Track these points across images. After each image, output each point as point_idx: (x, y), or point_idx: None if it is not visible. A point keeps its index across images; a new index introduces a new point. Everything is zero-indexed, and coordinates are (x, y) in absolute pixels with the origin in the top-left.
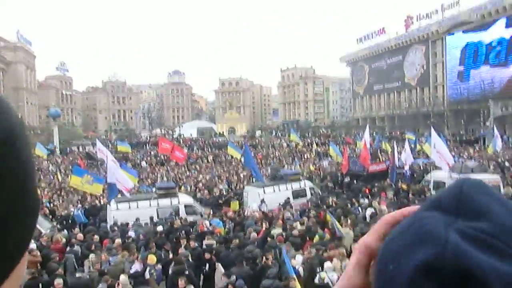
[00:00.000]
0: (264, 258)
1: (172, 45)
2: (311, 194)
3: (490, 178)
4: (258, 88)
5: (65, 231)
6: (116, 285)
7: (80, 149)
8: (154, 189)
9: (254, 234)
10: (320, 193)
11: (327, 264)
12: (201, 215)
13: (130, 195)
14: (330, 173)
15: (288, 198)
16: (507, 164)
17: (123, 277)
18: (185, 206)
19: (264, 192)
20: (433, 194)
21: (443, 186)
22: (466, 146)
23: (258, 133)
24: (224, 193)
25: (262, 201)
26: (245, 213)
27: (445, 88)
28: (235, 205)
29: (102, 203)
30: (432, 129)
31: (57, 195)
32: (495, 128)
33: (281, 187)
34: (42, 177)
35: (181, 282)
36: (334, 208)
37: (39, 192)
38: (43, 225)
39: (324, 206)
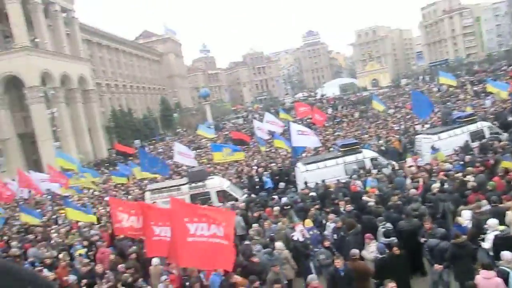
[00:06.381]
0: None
1: (302, 6)
2: (490, 134)
3: None
4: (397, 33)
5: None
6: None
7: (231, 124)
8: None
9: (413, 191)
10: (500, 132)
11: (491, 221)
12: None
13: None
14: (494, 113)
15: (467, 141)
16: None
17: (278, 243)
18: (371, 160)
19: (439, 138)
20: None
21: None
22: None
23: (403, 81)
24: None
25: (432, 147)
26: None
27: None
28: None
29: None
30: None
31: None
32: None
33: (457, 131)
34: (204, 154)
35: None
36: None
37: None
38: (238, 193)
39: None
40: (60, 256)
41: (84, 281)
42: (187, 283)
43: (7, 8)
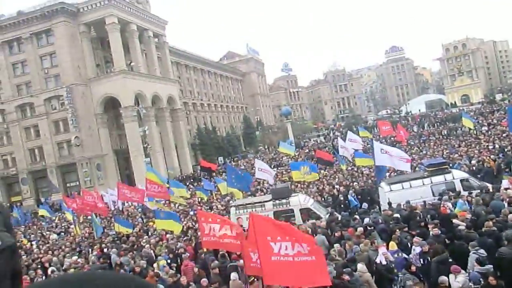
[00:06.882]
0: None
1: (384, 22)
2: None
3: None
4: (490, 45)
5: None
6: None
7: (312, 141)
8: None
9: None
10: None
11: None
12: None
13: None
14: None
15: None
16: None
17: (360, 265)
18: (461, 181)
19: None
20: None
21: None
22: None
23: (498, 96)
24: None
25: None
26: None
27: None
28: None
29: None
30: None
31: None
32: None
33: None
34: (285, 172)
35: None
36: None
37: None
38: (322, 212)
39: None
40: (155, 265)
41: None
42: None
43: (109, 37)
